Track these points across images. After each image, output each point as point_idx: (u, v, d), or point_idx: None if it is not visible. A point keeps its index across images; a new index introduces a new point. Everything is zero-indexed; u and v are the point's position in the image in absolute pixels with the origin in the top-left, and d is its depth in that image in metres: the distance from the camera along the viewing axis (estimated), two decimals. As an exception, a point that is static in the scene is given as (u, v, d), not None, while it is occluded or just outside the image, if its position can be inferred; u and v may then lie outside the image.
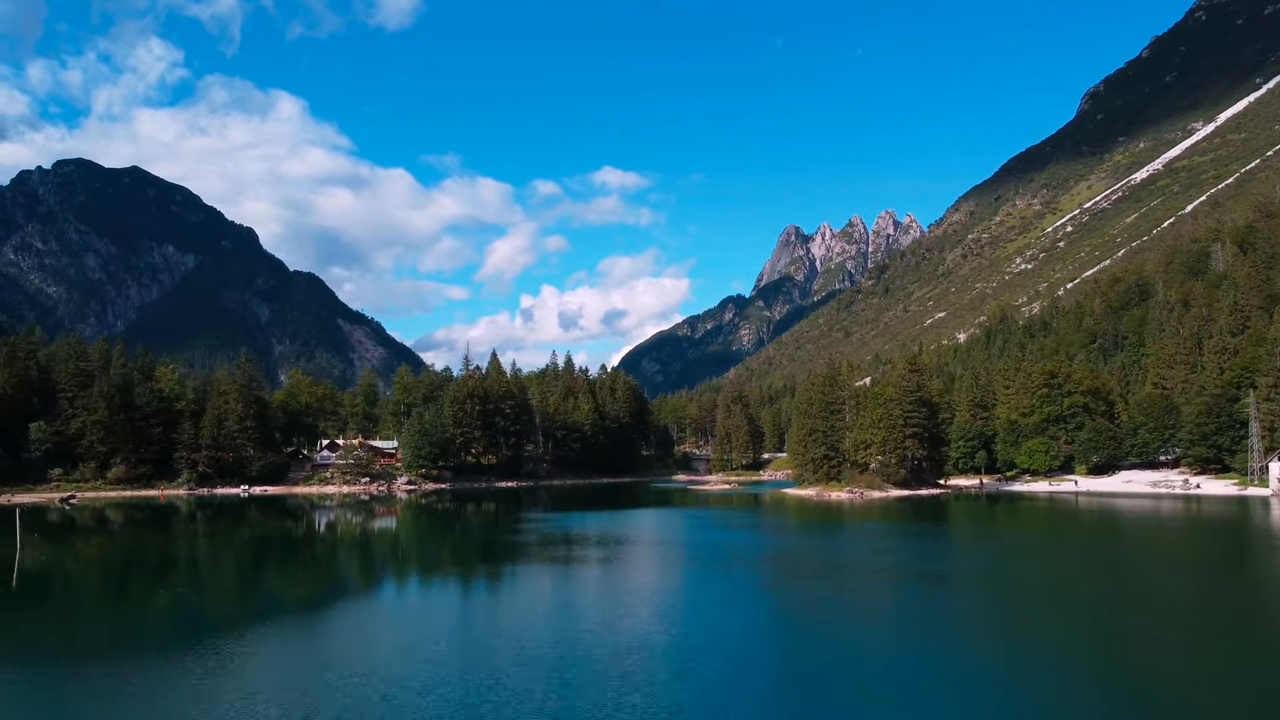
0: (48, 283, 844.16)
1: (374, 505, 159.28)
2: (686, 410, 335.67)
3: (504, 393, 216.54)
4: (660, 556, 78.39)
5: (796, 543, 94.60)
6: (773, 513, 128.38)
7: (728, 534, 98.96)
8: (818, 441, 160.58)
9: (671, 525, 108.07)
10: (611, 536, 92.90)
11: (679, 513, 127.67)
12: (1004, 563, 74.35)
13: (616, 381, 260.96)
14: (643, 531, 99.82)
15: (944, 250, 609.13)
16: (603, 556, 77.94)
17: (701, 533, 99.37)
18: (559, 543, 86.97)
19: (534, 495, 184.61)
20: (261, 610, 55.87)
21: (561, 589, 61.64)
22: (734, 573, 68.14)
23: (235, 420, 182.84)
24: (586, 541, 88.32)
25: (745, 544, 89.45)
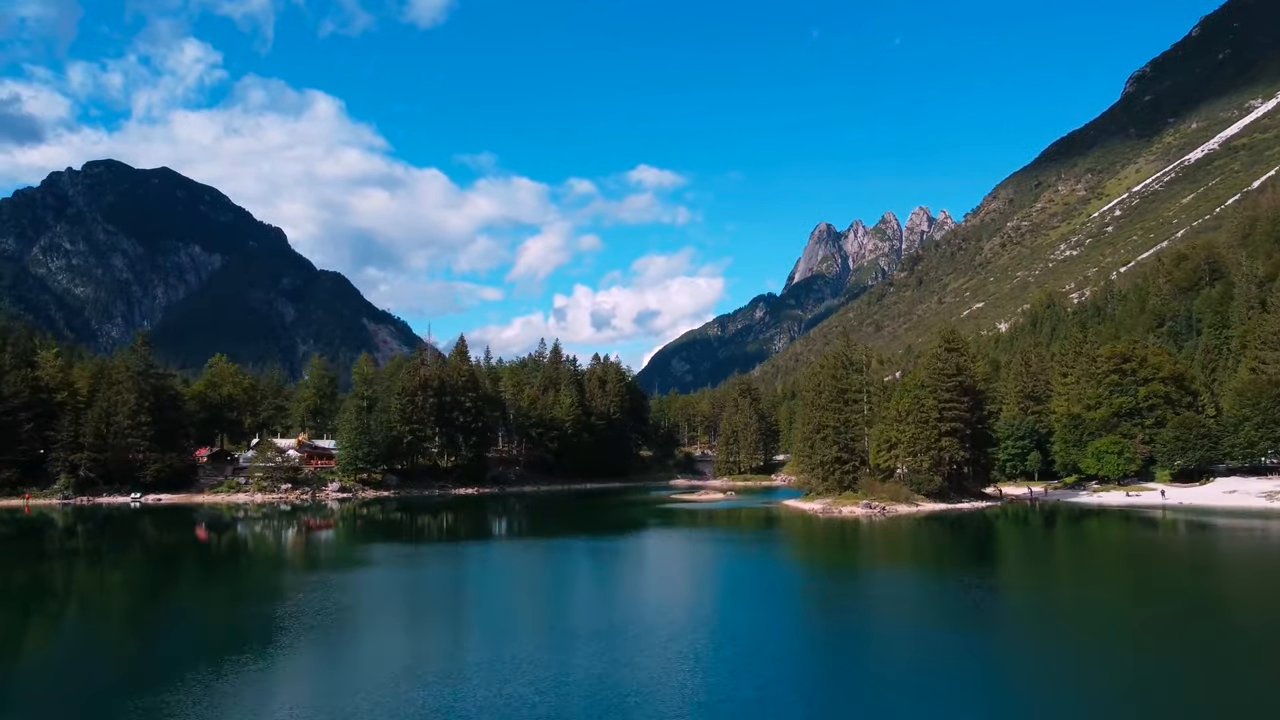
0: (75, 283, 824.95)
1: (276, 519, 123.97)
2: (697, 407, 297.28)
3: (464, 383, 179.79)
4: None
5: (757, 626, 46.85)
6: (755, 541, 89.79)
7: (648, 602, 55.02)
8: (828, 440, 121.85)
9: (559, 574, 69.36)
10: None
11: (606, 546, 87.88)
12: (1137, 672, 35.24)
13: (607, 372, 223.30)
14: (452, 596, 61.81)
15: (981, 239, 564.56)
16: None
17: (597, 602, 57.66)
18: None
19: (492, 505, 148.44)
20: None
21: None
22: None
23: (126, 414, 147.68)
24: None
25: (656, 638, 44.15)
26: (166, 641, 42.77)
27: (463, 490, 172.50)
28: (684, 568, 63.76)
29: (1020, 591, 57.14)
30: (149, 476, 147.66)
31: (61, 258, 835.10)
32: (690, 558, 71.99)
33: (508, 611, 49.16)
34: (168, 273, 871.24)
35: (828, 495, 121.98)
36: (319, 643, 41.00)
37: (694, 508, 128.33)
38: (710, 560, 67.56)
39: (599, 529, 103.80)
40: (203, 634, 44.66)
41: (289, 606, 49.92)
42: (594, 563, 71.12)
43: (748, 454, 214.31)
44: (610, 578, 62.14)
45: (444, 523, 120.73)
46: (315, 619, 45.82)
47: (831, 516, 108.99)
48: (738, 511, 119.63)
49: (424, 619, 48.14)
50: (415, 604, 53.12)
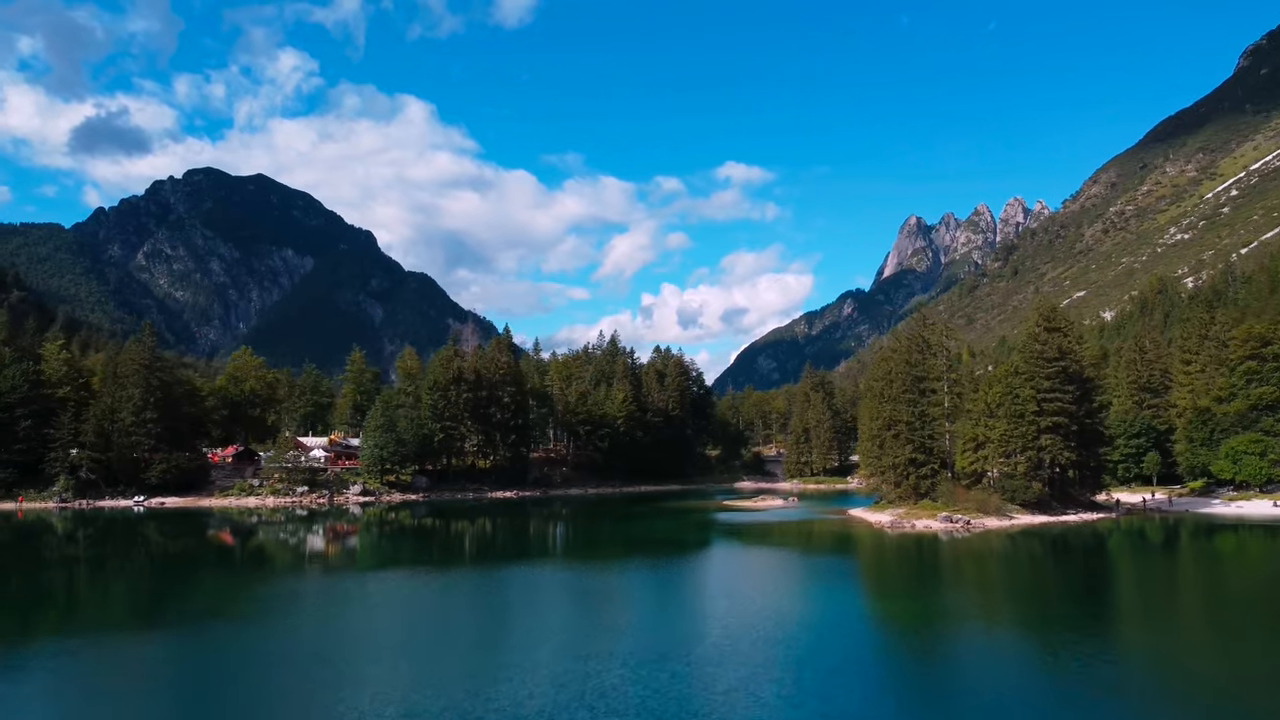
0: (175, 287, 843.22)
1: (287, 526, 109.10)
2: (772, 403, 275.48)
3: (502, 376, 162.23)
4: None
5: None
6: (798, 571, 68.70)
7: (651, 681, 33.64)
8: (900, 438, 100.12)
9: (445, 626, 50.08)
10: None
11: (580, 582, 68.09)
12: None
13: (667, 365, 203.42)
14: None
15: (1081, 226, 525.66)
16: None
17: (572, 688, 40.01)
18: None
19: (531, 510, 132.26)
20: None
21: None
22: None
23: (131, 411, 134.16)
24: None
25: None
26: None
27: (500, 493, 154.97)
28: (668, 634, 42.77)
29: (1170, 665, 35.69)
30: (154, 478, 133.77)
31: (163, 263, 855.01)
32: (691, 611, 52.01)
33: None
34: (262, 276, 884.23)
35: (900, 504, 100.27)
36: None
37: (743, 519, 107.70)
38: (721, 615, 47.60)
39: (598, 550, 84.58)
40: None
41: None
42: (528, 615, 51.64)
43: (820, 454, 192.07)
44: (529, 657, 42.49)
45: (473, 534, 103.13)
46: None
47: (903, 532, 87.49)
48: (791, 525, 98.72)
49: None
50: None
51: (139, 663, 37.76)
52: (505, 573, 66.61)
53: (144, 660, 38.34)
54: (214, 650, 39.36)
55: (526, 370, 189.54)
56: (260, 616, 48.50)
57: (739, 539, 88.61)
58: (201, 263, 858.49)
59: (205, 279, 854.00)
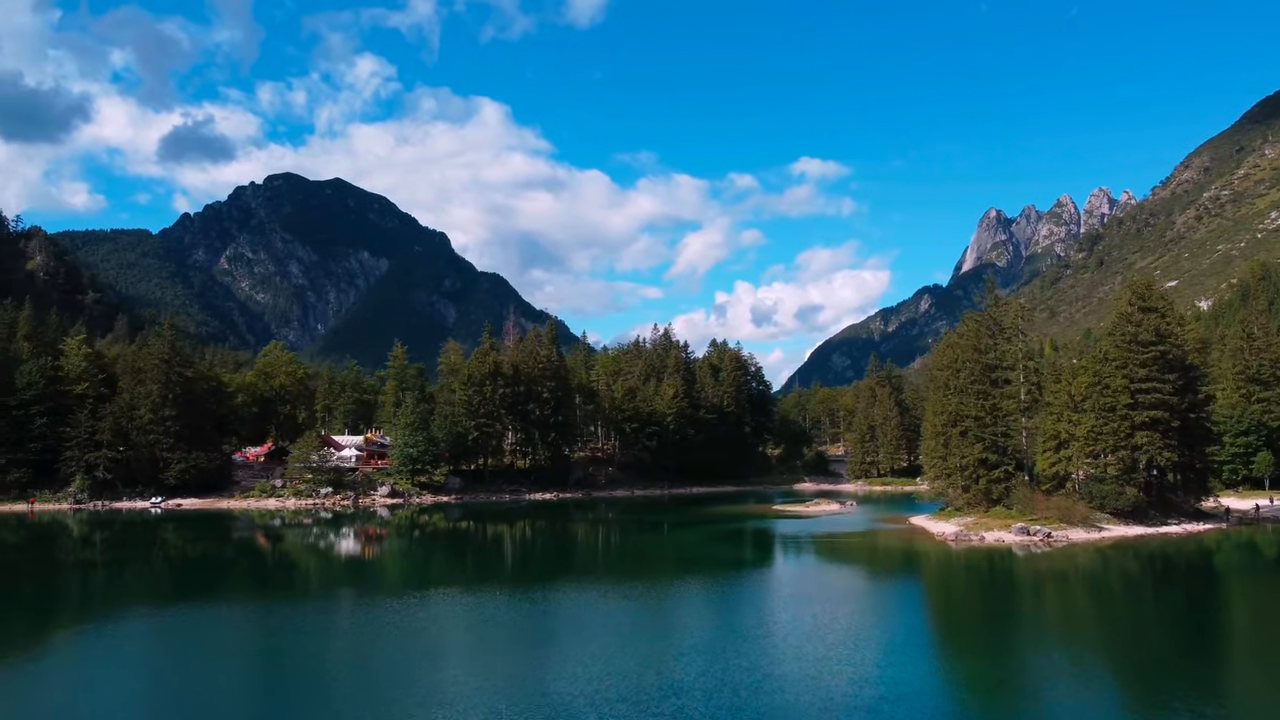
0: (256, 290, 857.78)
1: (308, 530, 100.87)
2: (840, 400, 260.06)
3: (541, 370, 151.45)
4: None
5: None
6: (838, 601, 55.40)
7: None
8: (968, 437, 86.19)
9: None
10: None
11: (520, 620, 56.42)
12: None
13: (722, 360, 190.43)
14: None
15: (1172, 213, 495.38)
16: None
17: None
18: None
19: (567, 514, 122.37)
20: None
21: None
22: None
23: (149, 408, 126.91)
24: None
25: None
26: None
27: (539, 495, 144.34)
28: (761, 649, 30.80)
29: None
30: (172, 478, 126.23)
31: (244, 266, 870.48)
32: (777, 617, 40.07)
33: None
34: (339, 278, 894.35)
35: (969, 511, 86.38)
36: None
37: (788, 528, 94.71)
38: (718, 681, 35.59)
39: (593, 567, 73.02)
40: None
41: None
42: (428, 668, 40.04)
43: (888, 453, 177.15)
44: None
45: (501, 544, 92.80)
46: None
47: (970, 545, 73.79)
48: (842, 537, 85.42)
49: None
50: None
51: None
52: (525, 597, 55.21)
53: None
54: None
55: (574, 366, 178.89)
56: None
57: (777, 554, 76.14)
58: (281, 265, 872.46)
59: (284, 281, 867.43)
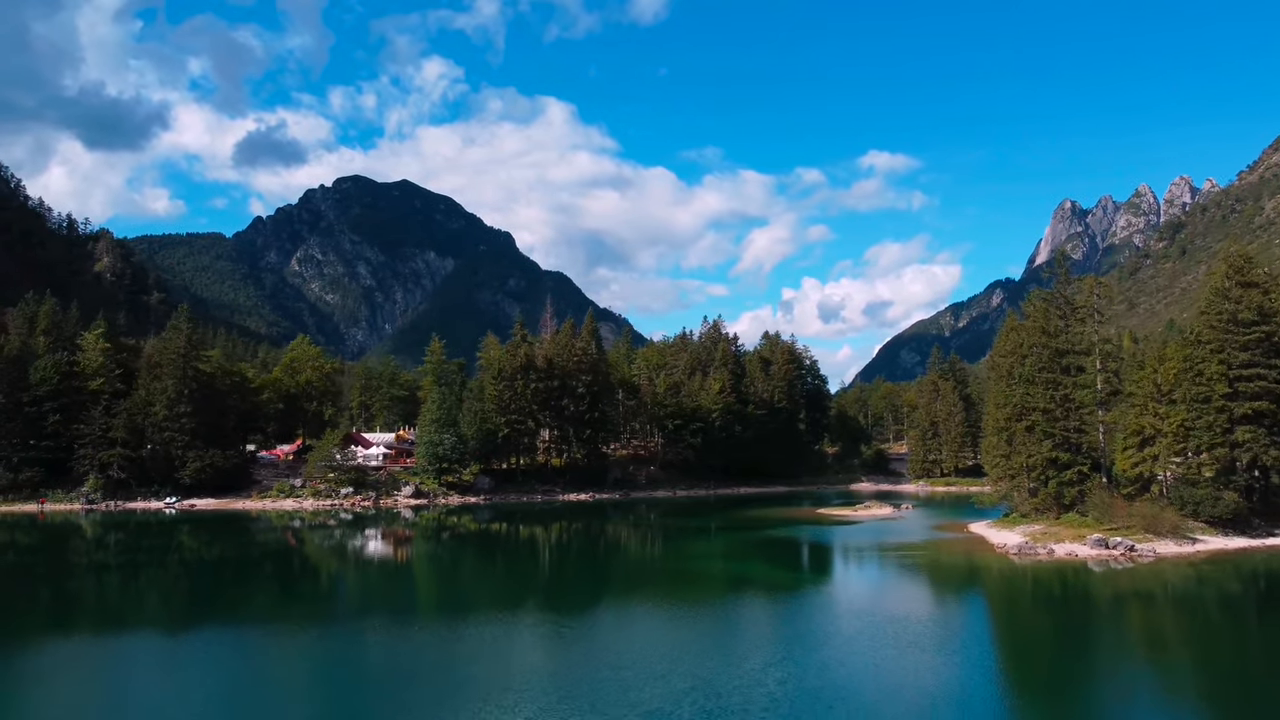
0: (326, 291, 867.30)
1: (326, 532, 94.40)
2: (903, 396, 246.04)
3: (576, 364, 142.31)
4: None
5: None
6: (881, 640, 44.40)
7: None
8: (1035, 432, 74.45)
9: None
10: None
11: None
12: None
13: (775, 352, 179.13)
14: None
15: (1260, 198, 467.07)
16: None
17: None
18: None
19: (601, 517, 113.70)
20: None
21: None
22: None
23: (164, 405, 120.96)
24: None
25: None
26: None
27: (574, 496, 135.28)
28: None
29: None
30: (187, 478, 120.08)
31: (314, 268, 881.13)
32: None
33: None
34: (405, 279, 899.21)
35: (1036, 518, 74.65)
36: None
37: (829, 535, 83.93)
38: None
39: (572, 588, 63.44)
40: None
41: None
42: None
43: (951, 451, 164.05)
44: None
45: (537, 549, 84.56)
46: None
47: (1036, 560, 62.29)
48: (890, 547, 74.32)
49: None
50: None
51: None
52: (557, 619, 46.04)
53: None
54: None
55: (616, 360, 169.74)
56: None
57: (802, 571, 65.66)
58: (350, 266, 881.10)
59: (353, 282, 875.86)
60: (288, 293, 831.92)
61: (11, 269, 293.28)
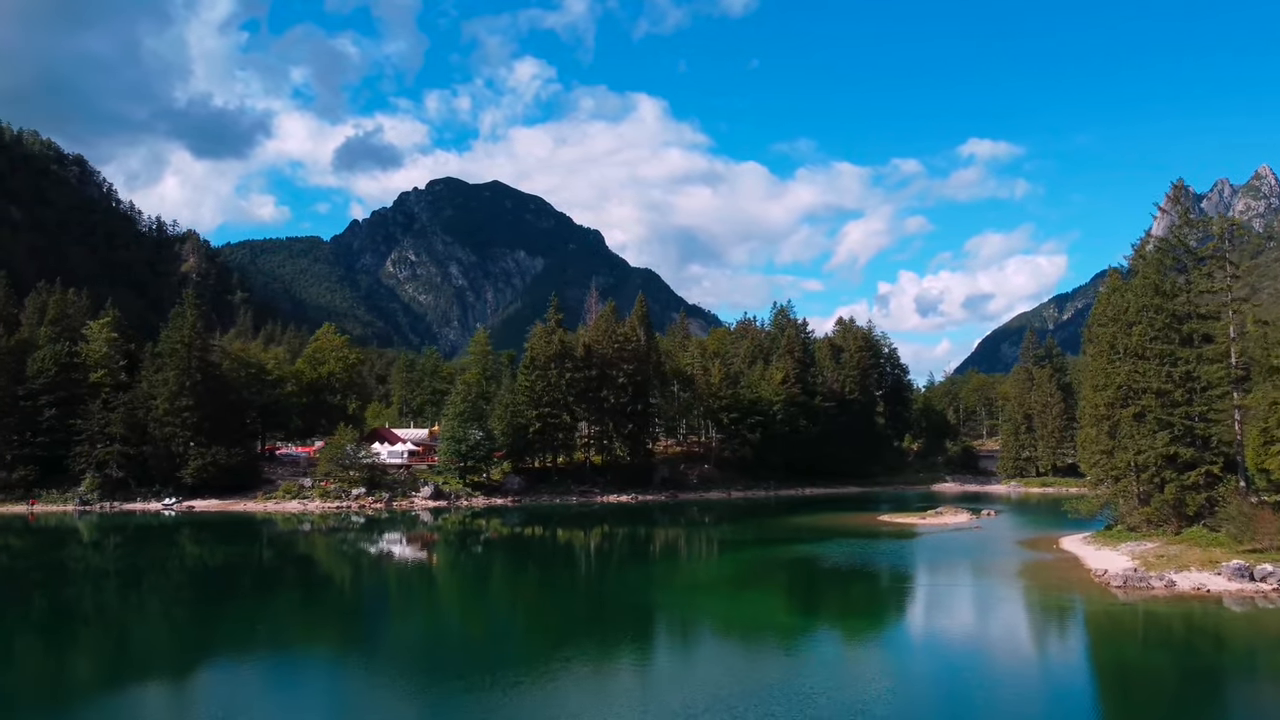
0: (419, 291, 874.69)
1: (333, 538, 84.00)
2: (997, 388, 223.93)
3: (616, 351, 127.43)
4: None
5: None
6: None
7: None
8: (1148, 422, 56.50)
9: None
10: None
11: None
12: None
13: (847, 339, 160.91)
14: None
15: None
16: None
17: None
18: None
19: (637, 522, 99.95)
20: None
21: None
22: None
23: (165, 398, 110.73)
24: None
25: None
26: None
27: (614, 497, 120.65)
28: None
29: None
30: (188, 477, 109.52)
31: (407, 269, 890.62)
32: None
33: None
34: (496, 278, 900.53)
35: (1150, 533, 56.61)
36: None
37: (880, 554, 66.81)
38: None
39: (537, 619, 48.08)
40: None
41: None
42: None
43: (1047, 448, 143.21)
44: None
45: (574, 560, 70.98)
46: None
47: (1149, 595, 44.63)
48: (959, 568, 57.23)
49: None
50: None
51: None
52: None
53: None
54: None
55: (671, 349, 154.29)
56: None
57: (819, 606, 49.16)
58: (442, 267, 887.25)
59: (445, 283, 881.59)
60: (382, 294, 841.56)
61: (94, 269, 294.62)
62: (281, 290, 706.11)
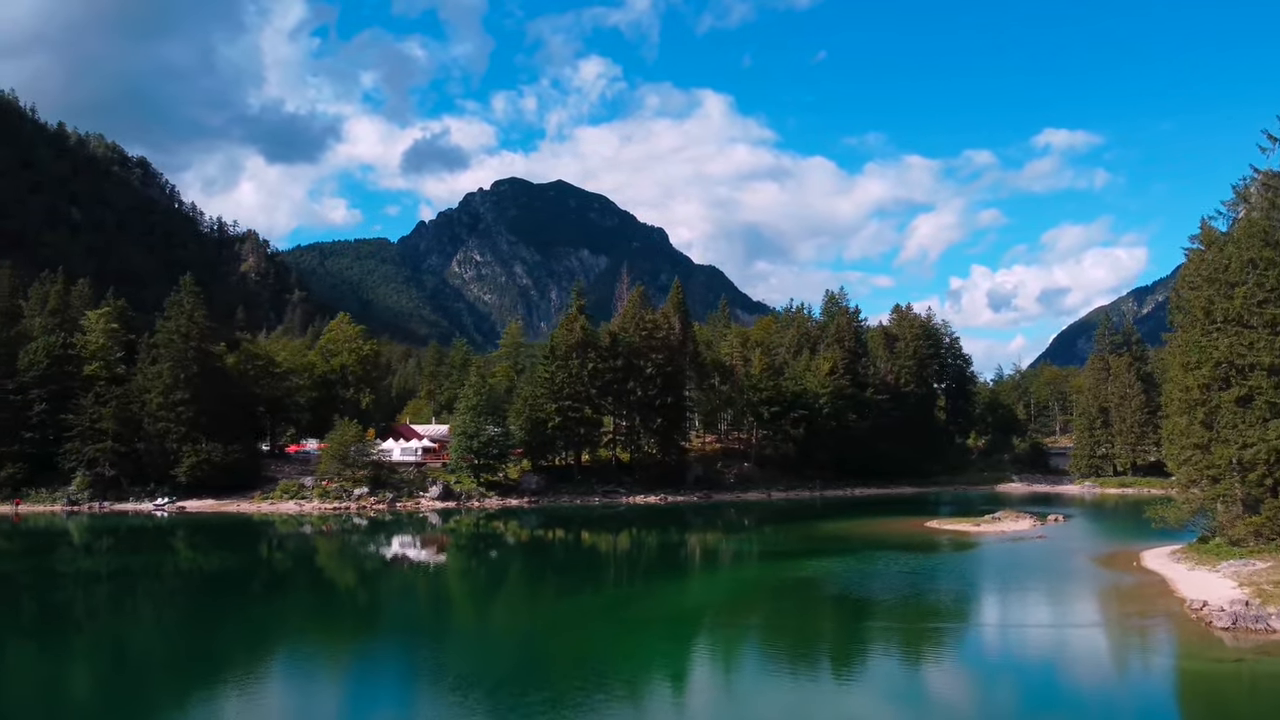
0: (484, 291, 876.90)
1: (327, 543, 75.99)
2: (1071, 382, 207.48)
3: (644, 340, 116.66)
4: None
5: None
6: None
7: None
8: (1256, 410, 44.05)
9: None
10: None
11: None
12: None
13: (903, 327, 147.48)
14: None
15: None
16: None
17: None
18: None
19: (663, 526, 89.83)
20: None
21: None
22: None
23: (159, 391, 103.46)
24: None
25: None
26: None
27: (642, 498, 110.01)
28: None
29: None
30: (181, 475, 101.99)
31: (472, 269, 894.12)
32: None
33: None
34: (560, 276, 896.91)
35: (1260, 549, 43.99)
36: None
37: (900, 573, 54.58)
38: None
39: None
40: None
41: None
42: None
43: (1125, 444, 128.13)
44: None
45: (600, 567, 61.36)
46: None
47: (1267, 641, 32.47)
48: (999, 599, 45.42)
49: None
50: None
51: None
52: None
53: None
54: None
55: (710, 338, 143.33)
56: None
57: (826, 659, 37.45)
58: (506, 266, 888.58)
59: (510, 282, 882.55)
60: (448, 294, 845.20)
61: (152, 268, 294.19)
62: (349, 291, 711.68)
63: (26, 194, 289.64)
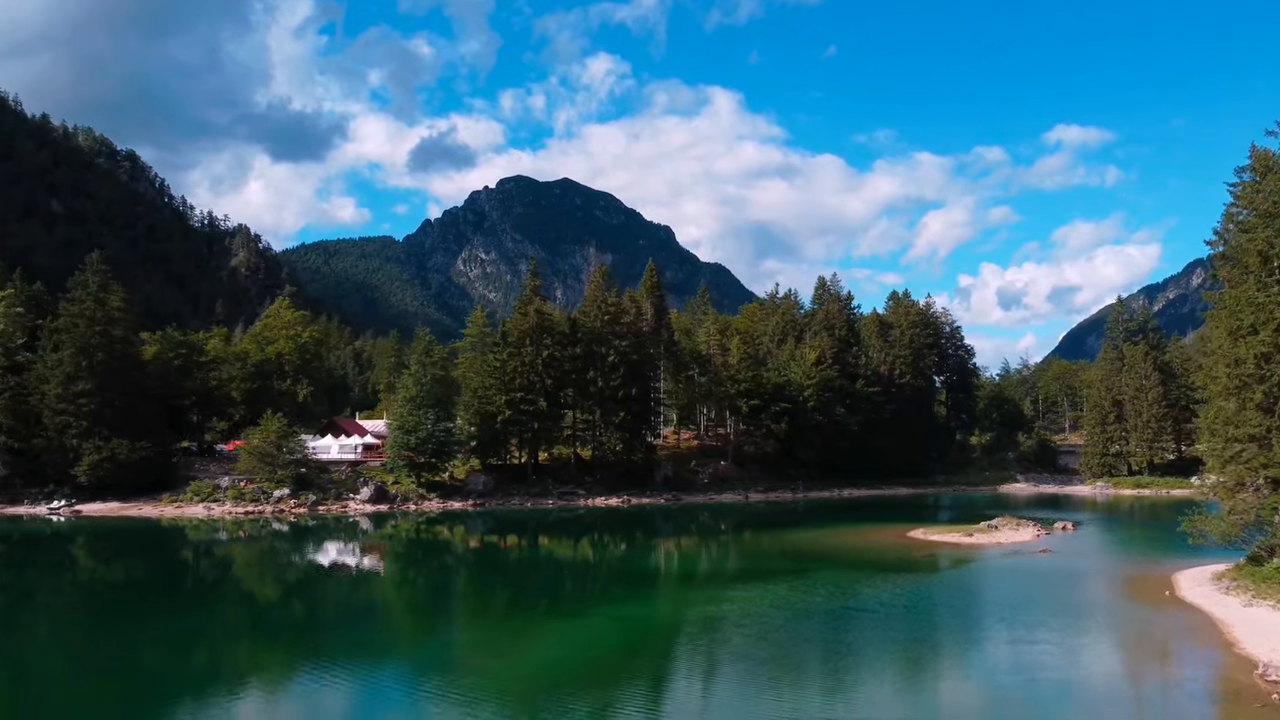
0: (489, 289, 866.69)
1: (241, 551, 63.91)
2: (1081, 376, 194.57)
3: (605, 326, 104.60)
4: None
5: None
6: None
7: None
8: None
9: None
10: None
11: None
12: None
13: (898, 314, 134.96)
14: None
15: None
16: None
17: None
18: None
19: (616, 535, 78.53)
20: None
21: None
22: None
23: (58, 382, 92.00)
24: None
25: None
26: None
27: (602, 500, 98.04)
28: None
29: None
30: (82, 475, 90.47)
31: (477, 267, 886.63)
32: None
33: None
34: (566, 274, 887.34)
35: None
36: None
37: (862, 611, 42.51)
38: None
39: None
40: None
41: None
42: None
43: (1141, 440, 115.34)
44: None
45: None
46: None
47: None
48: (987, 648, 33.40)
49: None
50: None
51: None
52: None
53: None
54: None
55: (688, 326, 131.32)
56: None
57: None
58: (511, 264, 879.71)
59: (515, 279, 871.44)
60: (453, 292, 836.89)
61: (131, 262, 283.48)
62: (354, 290, 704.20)
63: (7, 186, 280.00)
